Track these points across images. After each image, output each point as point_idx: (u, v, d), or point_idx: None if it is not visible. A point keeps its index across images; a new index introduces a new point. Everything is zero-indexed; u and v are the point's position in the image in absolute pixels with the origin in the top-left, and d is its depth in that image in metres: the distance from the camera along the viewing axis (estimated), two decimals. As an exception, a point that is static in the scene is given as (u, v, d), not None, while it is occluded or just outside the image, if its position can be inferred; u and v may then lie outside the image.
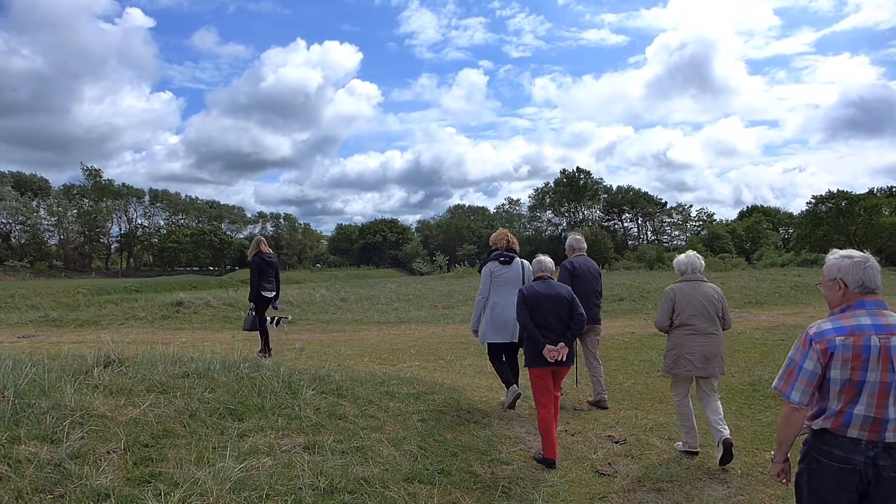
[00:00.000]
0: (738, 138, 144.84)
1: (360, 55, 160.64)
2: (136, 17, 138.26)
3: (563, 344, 4.71)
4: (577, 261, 6.52)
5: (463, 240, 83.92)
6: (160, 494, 3.18)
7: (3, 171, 78.07)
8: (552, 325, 4.80)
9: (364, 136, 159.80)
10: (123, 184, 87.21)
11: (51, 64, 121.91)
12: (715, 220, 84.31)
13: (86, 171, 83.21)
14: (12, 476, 3.15)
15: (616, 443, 5.18)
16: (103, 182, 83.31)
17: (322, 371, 6.26)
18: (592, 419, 5.85)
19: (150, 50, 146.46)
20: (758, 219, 75.62)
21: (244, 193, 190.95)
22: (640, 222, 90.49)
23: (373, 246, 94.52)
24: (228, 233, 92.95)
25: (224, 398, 4.85)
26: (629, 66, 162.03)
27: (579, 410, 6.18)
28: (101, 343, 6.28)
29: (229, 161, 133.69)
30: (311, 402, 5.17)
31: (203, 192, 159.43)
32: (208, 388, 5.01)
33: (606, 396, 6.45)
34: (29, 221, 73.89)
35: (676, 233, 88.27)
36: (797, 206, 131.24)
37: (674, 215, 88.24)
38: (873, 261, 2.55)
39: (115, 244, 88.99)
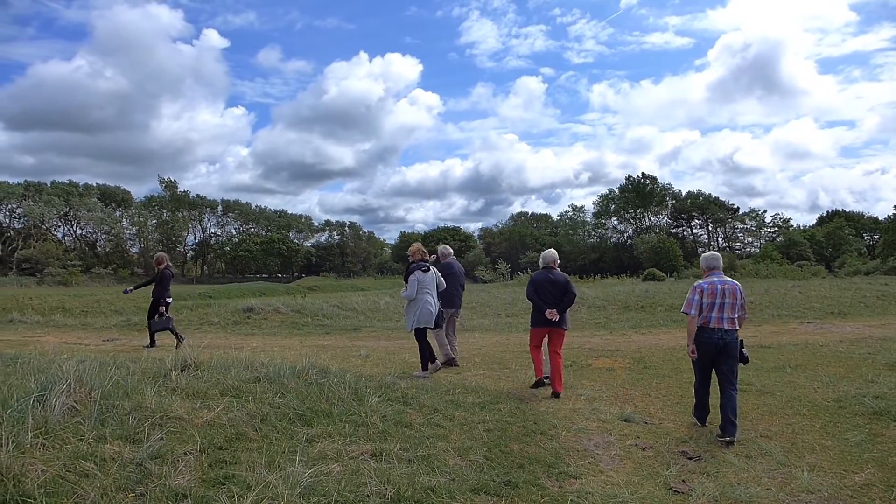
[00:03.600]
0: (812, 140, 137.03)
1: (420, 66, 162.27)
2: (213, 38, 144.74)
3: (555, 310, 7.06)
4: (453, 263, 9.45)
5: (526, 247, 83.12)
6: (234, 497, 3.26)
7: (90, 183, 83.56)
8: (550, 299, 7.17)
9: (424, 145, 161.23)
10: (198, 195, 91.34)
11: (132, 84, 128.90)
12: (791, 225, 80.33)
13: (163, 183, 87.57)
14: (98, 474, 3.29)
15: (690, 459, 4.96)
16: (179, 193, 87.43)
17: (387, 378, 6.30)
18: (664, 433, 5.63)
19: (221, 68, 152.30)
20: (839, 224, 71.49)
21: (310, 202, 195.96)
22: (710, 229, 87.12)
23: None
24: (296, 241, 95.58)
25: (293, 403, 4.95)
26: (695, 69, 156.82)
27: (650, 424, 5.96)
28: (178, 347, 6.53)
29: (295, 171, 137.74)
30: (378, 409, 5.20)
31: (271, 202, 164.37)
32: (278, 394, 5.13)
33: (456, 358, 9.05)
34: (113, 231, 78.43)
35: (750, 239, 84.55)
36: (882, 209, 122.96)
37: (747, 221, 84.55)
38: (714, 252, 6.09)
39: (191, 252, 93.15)
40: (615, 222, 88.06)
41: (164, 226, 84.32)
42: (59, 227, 77.46)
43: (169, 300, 11.38)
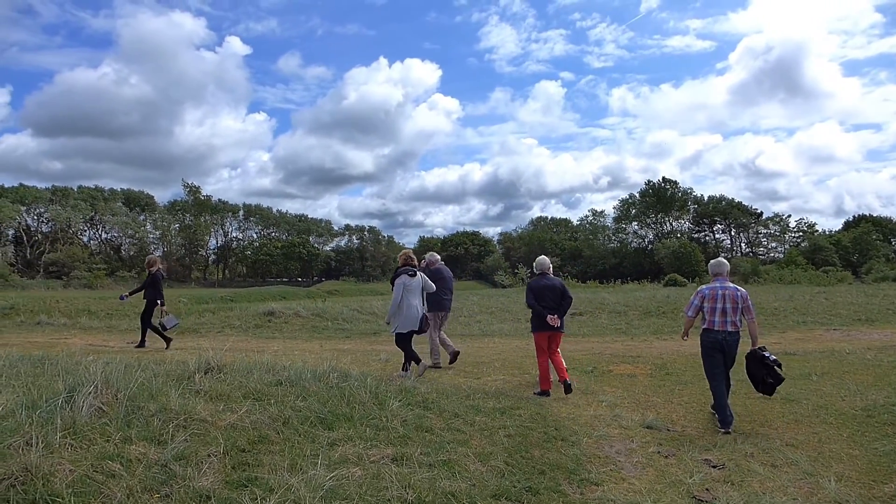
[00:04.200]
0: (837, 144, 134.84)
1: (439, 71, 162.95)
2: (235, 46, 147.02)
3: (556, 315, 7.34)
4: (442, 268, 9.76)
5: (546, 252, 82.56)
6: (257, 499, 3.28)
7: (115, 188, 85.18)
8: (549, 304, 7.44)
9: (443, 149, 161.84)
10: (220, 199, 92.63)
11: (156, 91, 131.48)
12: (816, 230, 78.87)
13: (186, 187, 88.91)
14: (124, 474, 3.34)
15: (714, 467, 4.89)
16: (202, 198, 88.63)
17: (408, 383, 6.31)
18: (687, 441, 5.56)
19: (243, 74, 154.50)
20: (866, 229, 70.04)
21: (329, 207, 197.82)
22: (733, 234, 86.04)
23: (455, 258, 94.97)
24: (316, 245, 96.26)
25: (315, 407, 4.98)
26: (716, 72, 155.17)
27: (672, 431, 5.90)
28: (201, 350, 6.61)
29: (315, 176, 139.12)
30: (398, 413, 5.21)
31: (292, 207, 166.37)
32: (300, 397, 5.17)
33: (446, 359, 9.39)
34: (137, 235, 79.86)
35: (773, 244, 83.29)
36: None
37: (770, 226, 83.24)
38: (721, 259, 6.60)
39: (213, 256, 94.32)
40: (636, 227, 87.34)
41: (186, 230, 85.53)
42: (85, 231, 79.14)
43: (161, 300, 11.90)
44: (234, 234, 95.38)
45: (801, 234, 79.75)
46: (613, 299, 20.72)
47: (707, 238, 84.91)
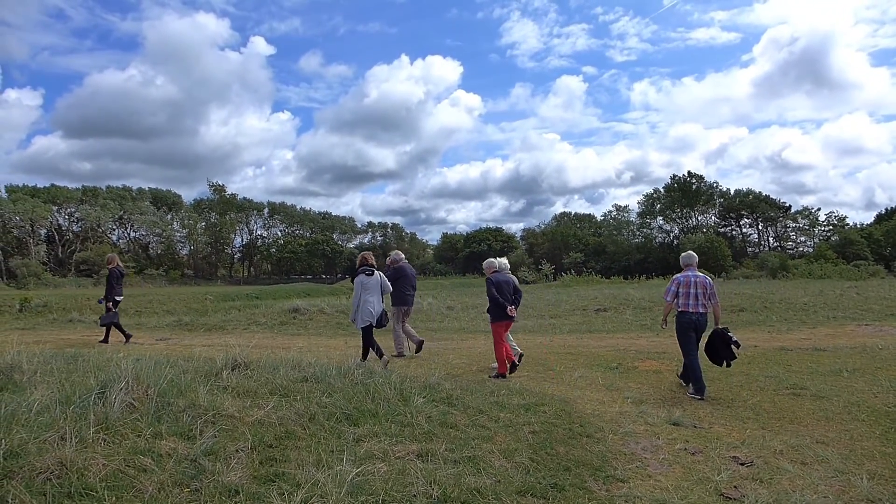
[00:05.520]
0: (867, 135, 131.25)
1: (461, 68, 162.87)
2: (260, 46, 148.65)
3: (513, 307, 8.34)
4: (405, 266, 10.53)
5: (569, 248, 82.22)
6: (284, 494, 3.32)
7: (142, 187, 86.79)
8: (507, 297, 8.36)
9: (464, 146, 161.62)
10: (245, 198, 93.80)
11: (182, 91, 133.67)
12: (847, 224, 77.01)
13: (212, 186, 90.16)
14: (155, 469, 3.41)
15: (742, 465, 4.82)
16: (227, 196, 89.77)
17: (432, 379, 6.33)
18: (714, 438, 5.49)
19: (267, 74, 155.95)
20: (900, 221, 68.29)
21: (352, 204, 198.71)
22: (760, 228, 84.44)
23: (478, 254, 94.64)
24: (339, 242, 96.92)
25: (340, 403, 5.02)
26: (740, 64, 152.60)
27: (699, 428, 5.83)
28: (228, 347, 6.71)
29: (338, 174, 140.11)
30: (423, 409, 5.23)
31: (315, 204, 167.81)
32: (326, 393, 5.21)
33: (411, 347, 10.17)
34: (164, 233, 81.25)
35: (802, 238, 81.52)
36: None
37: (799, 220, 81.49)
38: (691, 252, 7.76)
39: (238, 254, 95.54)
40: (661, 222, 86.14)
41: (212, 228, 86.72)
42: (115, 229, 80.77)
43: (119, 298, 12.43)
44: (258, 232, 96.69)
45: (830, 227, 77.88)
46: (638, 295, 20.56)
47: (734, 232, 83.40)
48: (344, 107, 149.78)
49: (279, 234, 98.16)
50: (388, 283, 9.15)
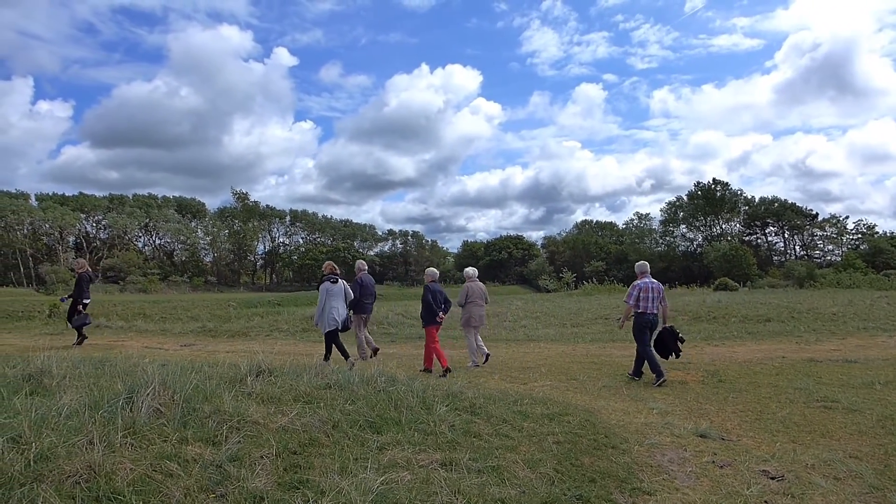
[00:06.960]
0: (893, 142, 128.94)
1: (480, 77, 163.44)
2: (283, 57, 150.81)
3: (442, 313, 9.47)
4: (364, 277, 10.60)
5: (590, 256, 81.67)
6: (308, 501, 3.32)
7: (168, 196, 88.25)
8: (440, 304, 9.44)
9: (484, 154, 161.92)
10: (267, 205, 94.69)
11: (206, 102, 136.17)
12: (877, 232, 75.31)
13: (235, 194, 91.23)
14: (181, 474, 3.43)
15: (772, 479, 4.70)
16: (250, 204, 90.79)
17: (455, 387, 6.30)
18: (743, 451, 5.37)
19: (289, 84, 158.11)
20: (931, 230, 66.62)
21: (373, 212, 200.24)
22: (786, 236, 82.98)
23: (498, 262, 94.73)
24: (360, 250, 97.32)
25: (363, 410, 5.02)
26: (762, 71, 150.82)
27: (727, 441, 5.71)
28: (251, 353, 6.75)
29: (358, 182, 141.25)
30: (446, 418, 5.20)
31: (336, 212, 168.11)
32: (349, 401, 5.22)
33: (369, 353, 10.43)
34: (189, 241, 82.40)
35: (830, 247, 79.86)
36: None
37: (826, 228, 79.87)
38: (644, 261, 9.28)
39: (260, 261, 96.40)
40: (684, 230, 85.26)
41: (235, 235, 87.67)
42: (140, 237, 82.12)
43: (86, 300, 13.11)
44: (281, 240, 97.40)
45: (859, 236, 76.25)
46: (661, 304, 20.26)
47: (759, 241, 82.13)
48: (364, 116, 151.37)
49: (301, 241, 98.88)
50: (350, 291, 10.02)
